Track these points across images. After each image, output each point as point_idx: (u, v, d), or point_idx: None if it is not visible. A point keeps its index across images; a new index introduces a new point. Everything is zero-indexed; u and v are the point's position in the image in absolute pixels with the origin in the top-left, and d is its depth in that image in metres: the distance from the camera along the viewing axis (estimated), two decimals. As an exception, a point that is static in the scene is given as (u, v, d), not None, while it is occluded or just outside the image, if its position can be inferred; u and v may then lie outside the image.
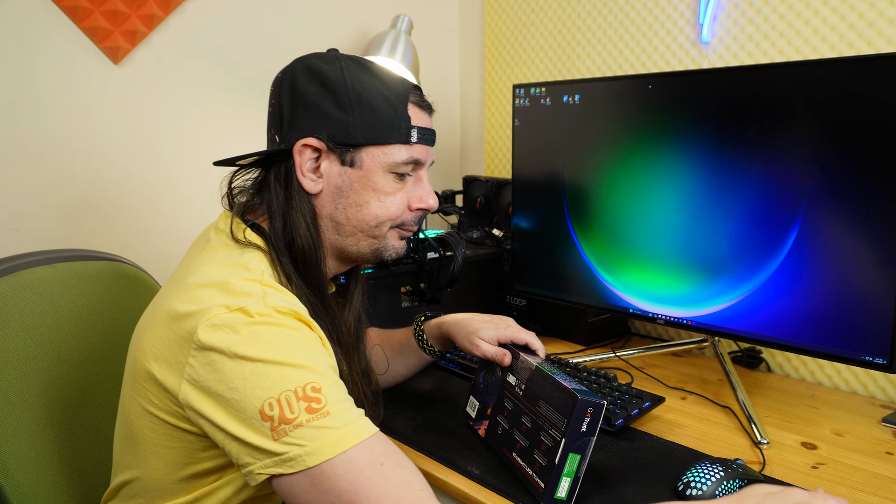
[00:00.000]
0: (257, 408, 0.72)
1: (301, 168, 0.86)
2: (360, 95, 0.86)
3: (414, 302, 1.52)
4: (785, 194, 1.10)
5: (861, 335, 1.04)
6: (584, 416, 0.85)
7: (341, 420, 0.73)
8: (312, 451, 0.71)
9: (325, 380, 0.75)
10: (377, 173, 0.88)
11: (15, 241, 1.42)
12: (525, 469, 0.91)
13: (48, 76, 1.43)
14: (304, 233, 0.86)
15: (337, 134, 0.85)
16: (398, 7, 1.95)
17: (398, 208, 0.91)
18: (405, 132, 0.88)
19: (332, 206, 0.89)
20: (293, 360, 0.74)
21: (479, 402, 1.08)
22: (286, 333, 0.76)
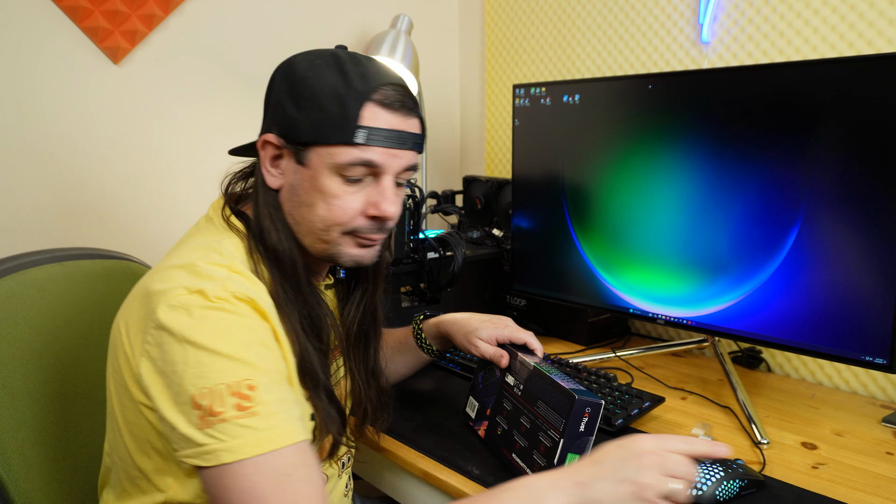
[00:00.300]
0: (191, 394, 0.72)
1: (264, 163, 0.88)
2: (313, 93, 0.83)
3: (414, 302, 1.52)
4: (785, 194, 1.10)
5: (861, 335, 1.04)
6: (582, 416, 0.85)
7: (267, 423, 0.73)
8: (230, 448, 0.71)
9: (264, 378, 0.75)
10: (323, 174, 0.84)
11: (15, 241, 1.42)
12: (525, 469, 0.91)
13: (48, 76, 1.43)
14: (269, 225, 0.87)
15: (287, 131, 0.84)
16: (398, 7, 1.95)
17: (345, 213, 0.85)
18: (349, 132, 0.82)
19: (290, 204, 0.88)
20: (237, 353, 0.75)
21: (478, 403, 1.08)
22: (238, 323, 0.76)
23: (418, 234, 1.40)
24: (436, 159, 2.15)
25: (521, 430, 0.94)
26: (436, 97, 2.11)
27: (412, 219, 1.37)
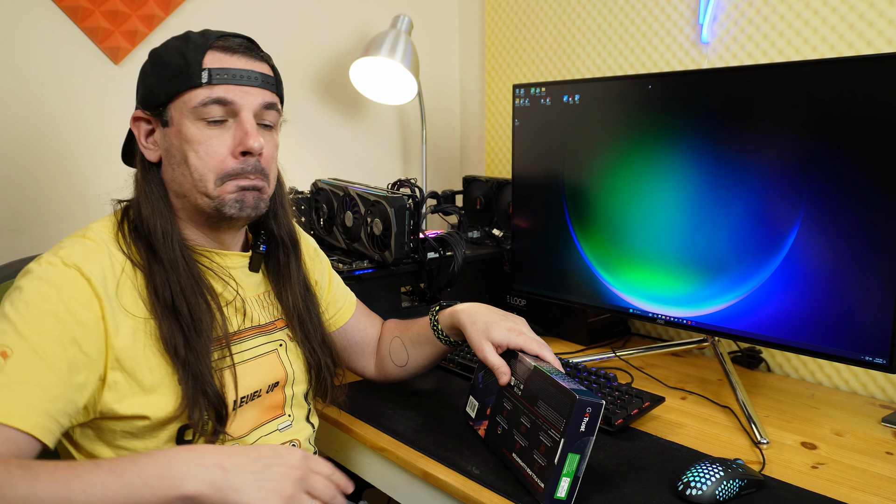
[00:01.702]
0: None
1: (140, 140, 0.92)
2: (160, 58, 0.90)
3: (414, 302, 1.52)
4: (785, 194, 1.10)
5: (861, 335, 1.04)
6: (582, 416, 0.85)
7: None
8: None
9: (27, 355, 0.75)
10: (185, 125, 0.88)
11: (15, 241, 1.42)
12: (525, 469, 0.91)
13: (48, 76, 1.43)
14: (145, 202, 0.90)
15: (148, 99, 0.90)
16: (398, 7, 1.95)
17: (215, 157, 0.88)
18: (195, 75, 0.87)
19: (171, 170, 0.91)
20: (18, 318, 0.77)
21: (478, 403, 1.08)
22: (41, 291, 0.79)
23: (418, 234, 1.40)
24: (436, 159, 2.15)
25: (521, 429, 0.95)
26: (436, 97, 2.11)
27: (412, 219, 1.37)
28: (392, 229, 1.34)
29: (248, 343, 0.97)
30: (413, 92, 1.81)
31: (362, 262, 1.41)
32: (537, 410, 0.92)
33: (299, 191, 1.59)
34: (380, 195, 1.37)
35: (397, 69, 1.73)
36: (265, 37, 1.77)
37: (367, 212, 1.40)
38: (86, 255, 0.83)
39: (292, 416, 1.02)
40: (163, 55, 0.90)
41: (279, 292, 1.02)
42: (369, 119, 2.00)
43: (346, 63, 1.83)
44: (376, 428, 1.13)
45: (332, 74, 1.88)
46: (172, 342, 0.85)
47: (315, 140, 1.89)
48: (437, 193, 1.83)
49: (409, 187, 1.43)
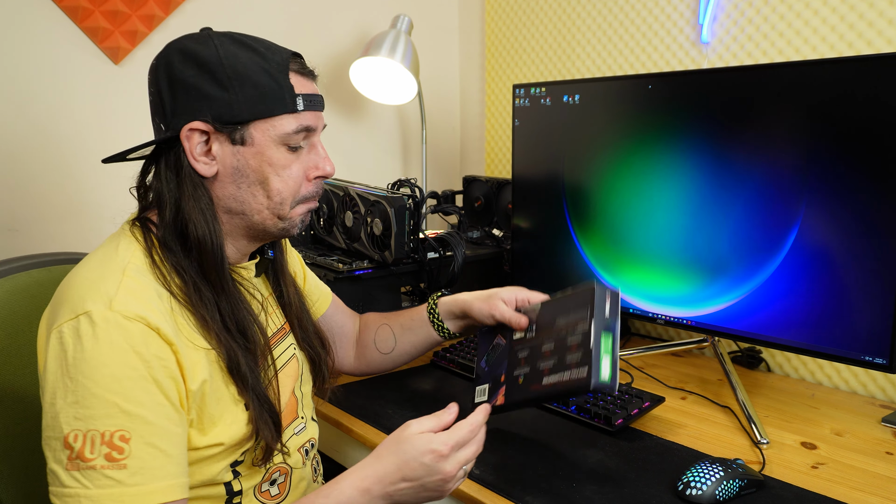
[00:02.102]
0: (64, 433, 0.72)
1: (192, 153, 0.84)
2: (237, 71, 0.83)
3: (414, 302, 1.52)
4: (785, 194, 1.10)
5: (861, 335, 1.04)
6: (605, 299, 0.87)
7: (135, 479, 0.72)
8: (92, 496, 0.71)
9: (143, 428, 0.74)
10: (269, 147, 0.85)
11: (15, 241, 1.42)
12: (562, 378, 0.90)
13: (48, 76, 1.43)
14: (199, 219, 0.84)
15: (222, 114, 0.83)
16: (398, 7, 1.95)
17: (296, 181, 0.88)
18: (290, 102, 0.85)
19: (234, 187, 0.86)
20: (117, 397, 0.73)
21: (488, 383, 1.05)
22: (121, 356, 0.74)
23: (418, 234, 1.40)
24: (436, 159, 2.15)
25: (545, 355, 0.93)
26: (436, 97, 2.11)
27: (412, 219, 1.37)
28: (392, 229, 1.34)
29: (277, 351, 0.96)
30: (413, 92, 1.81)
31: (362, 262, 1.41)
32: (557, 328, 0.92)
33: (299, 191, 1.59)
34: (380, 195, 1.37)
35: (397, 69, 1.73)
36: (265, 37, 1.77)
37: (367, 212, 1.40)
38: (140, 301, 0.77)
39: (305, 418, 1.02)
40: (240, 70, 0.83)
41: (280, 294, 1.01)
42: (369, 119, 2.00)
43: (346, 63, 1.83)
44: (376, 428, 1.13)
45: (332, 74, 1.88)
46: (237, 367, 0.84)
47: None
48: (437, 193, 1.83)
49: (409, 187, 1.43)
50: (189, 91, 0.83)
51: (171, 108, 0.84)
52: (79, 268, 0.83)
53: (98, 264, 0.82)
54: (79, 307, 0.75)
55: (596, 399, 1.14)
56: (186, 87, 0.83)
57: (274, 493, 0.93)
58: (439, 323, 1.13)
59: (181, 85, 0.83)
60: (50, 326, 0.78)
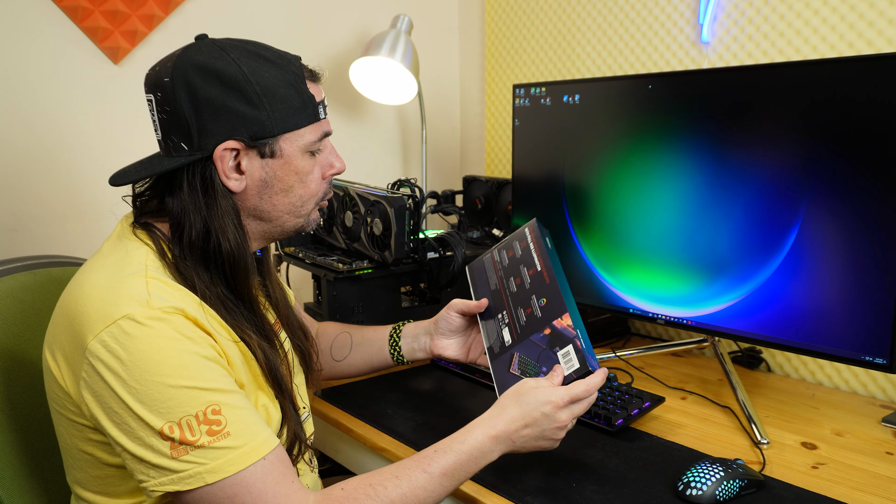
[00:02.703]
0: (157, 430, 0.74)
1: (224, 172, 0.85)
2: (265, 87, 0.84)
3: (414, 302, 1.52)
4: (785, 194, 1.10)
5: (861, 335, 1.04)
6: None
7: (241, 440, 0.77)
8: (212, 469, 0.75)
9: (225, 397, 0.78)
10: (297, 157, 0.89)
11: (15, 241, 1.42)
12: (544, 313, 1.00)
13: (48, 76, 1.43)
14: (233, 234, 0.86)
15: (255, 131, 0.84)
16: (398, 7, 1.95)
17: (317, 184, 0.93)
18: (313, 112, 0.89)
19: (257, 199, 0.89)
20: (189, 380, 0.76)
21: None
22: (175, 343, 0.76)
23: (418, 234, 1.40)
24: (436, 159, 2.15)
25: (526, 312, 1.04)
26: (436, 97, 2.11)
27: (412, 219, 1.37)
28: (392, 229, 1.34)
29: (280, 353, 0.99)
30: (413, 92, 1.81)
31: (362, 262, 1.41)
32: (519, 280, 1.08)
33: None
34: (380, 195, 1.37)
35: (397, 69, 1.73)
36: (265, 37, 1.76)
37: (367, 212, 1.40)
38: (173, 296, 0.80)
39: (307, 408, 1.05)
40: (267, 86, 0.84)
41: (268, 291, 1.03)
42: (369, 119, 2.00)
43: (346, 63, 1.83)
44: (376, 428, 1.13)
45: (332, 74, 1.88)
46: (274, 369, 0.89)
47: (315, 140, 1.89)
48: (437, 193, 1.83)
49: (409, 187, 1.43)
50: (218, 111, 0.83)
51: (198, 127, 0.83)
52: (85, 280, 0.82)
53: (111, 272, 0.81)
54: (113, 314, 0.76)
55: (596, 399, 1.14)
56: (214, 106, 0.83)
57: None
58: (397, 346, 1.17)
59: (208, 104, 0.83)
60: (76, 343, 0.77)
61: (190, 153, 0.84)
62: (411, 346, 1.16)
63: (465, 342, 1.14)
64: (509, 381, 0.97)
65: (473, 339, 1.14)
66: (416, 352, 1.16)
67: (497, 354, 1.03)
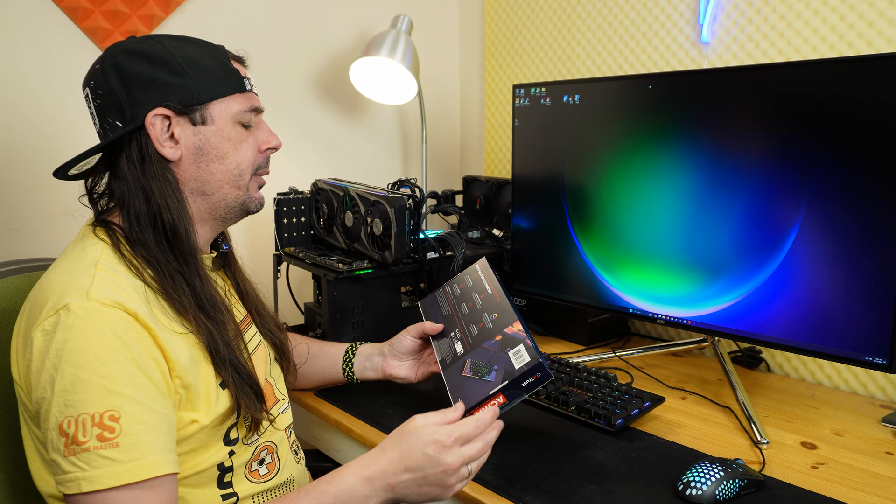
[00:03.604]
0: (58, 421, 0.75)
1: (158, 139, 0.88)
2: (189, 59, 0.90)
3: (414, 302, 1.52)
4: (785, 194, 1.10)
5: (861, 335, 1.04)
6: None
7: (128, 455, 0.74)
8: (89, 477, 0.73)
9: (130, 405, 0.76)
10: (228, 124, 0.93)
11: (15, 241, 1.42)
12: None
13: (48, 76, 1.43)
14: (172, 199, 0.88)
15: (182, 97, 0.89)
16: (398, 7, 1.95)
17: (252, 153, 0.96)
18: (238, 82, 0.94)
19: (195, 168, 0.92)
20: (103, 379, 0.75)
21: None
22: (106, 339, 0.76)
23: (418, 234, 1.40)
24: (436, 159, 2.15)
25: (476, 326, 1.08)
26: (436, 97, 2.11)
27: (412, 219, 1.37)
28: (392, 229, 1.34)
29: (247, 336, 1.00)
30: (413, 92, 1.81)
31: (362, 262, 1.41)
32: (471, 304, 1.12)
33: (299, 191, 1.59)
34: (380, 195, 1.37)
35: (397, 69, 1.73)
36: (265, 37, 1.77)
37: (367, 212, 1.40)
38: (116, 289, 0.80)
39: (285, 399, 1.06)
40: (191, 58, 0.90)
41: (239, 288, 1.05)
42: (369, 119, 2.00)
43: (346, 63, 1.83)
44: (376, 428, 1.13)
45: (332, 74, 1.88)
46: (215, 347, 0.88)
47: (315, 140, 1.89)
48: (437, 193, 1.83)
49: (409, 187, 1.43)
50: (146, 83, 0.88)
51: (129, 101, 0.88)
52: (47, 273, 0.86)
53: (67, 266, 0.84)
54: (57, 304, 0.78)
55: (596, 399, 1.14)
56: (142, 80, 0.88)
57: (263, 473, 0.95)
58: (350, 363, 1.20)
59: (136, 78, 0.88)
60: (28, 330, 0.80)
61: (124, 127, 0.88)
62: (363, 365, 1.19)
63: (415, 364, 1.18)
64: (462, 383, 0.99)
65: (423, 362, 1.17)
66: (367, 371, 1.19)
67: (449, 364, 1.06)
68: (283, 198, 1.55)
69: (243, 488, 0.92)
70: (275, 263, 1.56)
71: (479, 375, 0.98)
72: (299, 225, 1.57)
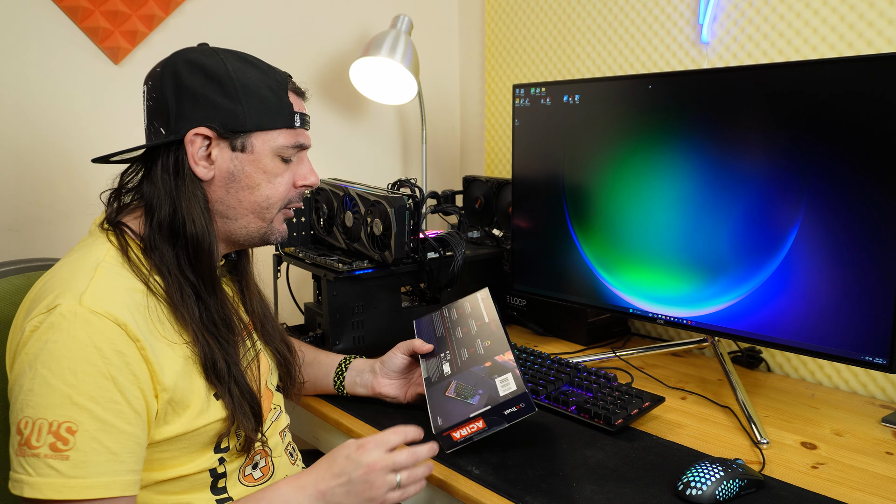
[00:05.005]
0: (17, 419, 0.75)
1: (194, 157, 0.88)
2: (245, 85, 0.89)
3: (414, 302, 1.52)
4: (785, 194, 1.10)
5: (861, 335, 1.04)
6: None
7: (76, 471, 0.74)
8: (32, 484, 0.73)
9: (90, 422, 0.75)
10: (266, 156, 0.92)
11: (15, 241, 1.42)
12: None
13: (48, 76, 1.43)
14: (199, 218, 0.88)
15: (227, 122, 0.88)
16: (398, 7, 1.95)
17: (286, 188, 0.95)
18: (290, 117, 0.93)
19: (224, 191, 0.91)
20: (67, 385, 0.74)
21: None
22: (81, 350, 0.75)
23: (418, 234, 1.40)
24: (436, 159, 2.15)
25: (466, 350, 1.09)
26: (436, 97, 2.11)
27: (412, 219, 1.37)
28: (392, 229, 1.34)
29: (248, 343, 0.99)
30: (413, 92, 1.81)
31: (362, 262, 1.41)
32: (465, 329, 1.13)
33: (299, 191, 1.59)
34: (380, 195, 1.37)
35: (397, 69, 1.73)
36: (265, 37, 1.77)
37: (367, 212, 1.40)
38: (110, 296, 0.79)
39: (279, 407, 1.06)
40: (247, 84, 0.89)
41: (244, 297, 1.05)
42: (369, 119, 2.00)
43: (346, 63, 1.83)
44: (376, 428, 1.13)
45: (332, 74, 1.88)
46: (212, 362, 0.87)
47: (315, 140, 1.88)
48: (437, 193, 1.83)
49: (409, 187, 1.43)
50: (197, 98, 0.88)
51: (177, 112, 0.88)
52: (52, 270, 0.86)
53: (71, 264, 0.84)
54: (52, 302, 0.78)
55: (596, 399, 1.14)
56: (194, 95, 0.88)
57: (257, 476, 0.96)
58: (342, 376, 1.20)
59: (188, 92, 0.88)
60: (22, 322, 0.81)
61: (165, 136, 0.89)
62: (353, 380, 1.20)
63: (405, 384, 1.19)
64: (443, 402, 1.01)
65: (413, 383, 1.18)
66: (357, 386, 1.20)
67: (434, 383, 1.07)
68: (283, 198, 1.54)
69: (237, 492, 0.92)
70: (275, 263, 1.56)
71: (462, 397, 1.00)
72: (299, 225, 1.57)
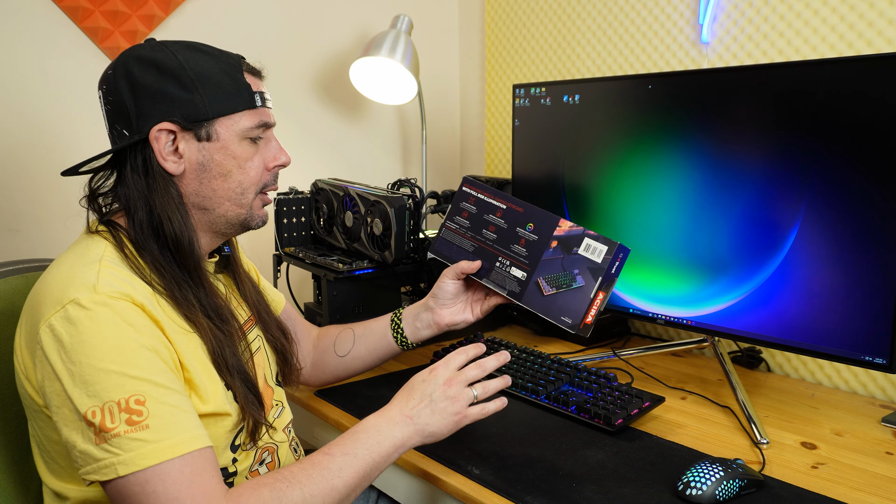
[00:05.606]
0: (83, 412, 0.75)
1: (161, 153, 0.88)
2: (199, 73, 0.89)
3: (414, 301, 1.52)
4: (785, 194, 1.10)
5: (861, 335, 1.04)
6: None
7: (158, 435, 0.76)
8: (125, 461, 0.74)
9: (153, 388, 0.77)
10: (233, 141, 0.91)
11: (15, 241, 1.42)
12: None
13: (48, 76, 1.43)
14: (174, 214, 0.88)
15: (188, 113, 0.88)
16: (398, 7, 1.95)
17: (258, 171, 0.95)
18: (249, 98, 0.92)
19: (197, 183, 0.91)
20: (122, 367, 0.76)
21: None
22: (118, 329, 0.78)
23: (418, 234, 1.40)
24: (436, 159, 2.15)
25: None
26: (436, 97, 2.11)
27: (412, 219, 1.37)
28: (392, 229, 1.34)
29: (249, 337, 1.00)
30: (413, 92, 1.81)
31: (362, 262, 1.41)
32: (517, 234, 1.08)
33: (299, 191, 1.59)
34: (380, 195, 1.37)
35: (397, 69, 1.73)
36: (265, 37, 1.77)
37: (367, 212, 1.40)
38: (123, 282, 0.81)
39: (281, 403, 1.06)
40: (201, 72, 0.89)
41: (241, 290, 1.05)
42: (369, 119, 2.00)
43: (346, 63, 1.83)
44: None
45: (332, 74, 1.88)
46: (221, 354, 0.88)
47: (315, 140, 1.89)
48: (437, 193, 1.83)
49: (409, 187, 1.43)
50: (154, 95, 0.88)
51: (136, 112, 0.88)
52: (48, 272, 0.86)
53: (70, 263, 0.85)
54: (63, 299, 0.78)
55: (596, 399, 1.14)
56: (151, 92, 0.88)
57: (263, 473, 0.96)
58: (399, 329, 1.18)
59: (144, 89, 0.88)
60: (32, 329, 0.80)
61: (129, 137, 0.88)
62: (414, 326, 1.17)
63: (465, 305, 1.17)
64: (552, 303, 0.98)
65: (474, 300, 1.16)
66: (420, 331, 1.17)
67: (521, 293, 1.03)
68: (283, 198, 1.55)
69: None
70: (275, 263, 1.56)
71: (565, 287, 0.96)
72: (299, 225, 1.57)
